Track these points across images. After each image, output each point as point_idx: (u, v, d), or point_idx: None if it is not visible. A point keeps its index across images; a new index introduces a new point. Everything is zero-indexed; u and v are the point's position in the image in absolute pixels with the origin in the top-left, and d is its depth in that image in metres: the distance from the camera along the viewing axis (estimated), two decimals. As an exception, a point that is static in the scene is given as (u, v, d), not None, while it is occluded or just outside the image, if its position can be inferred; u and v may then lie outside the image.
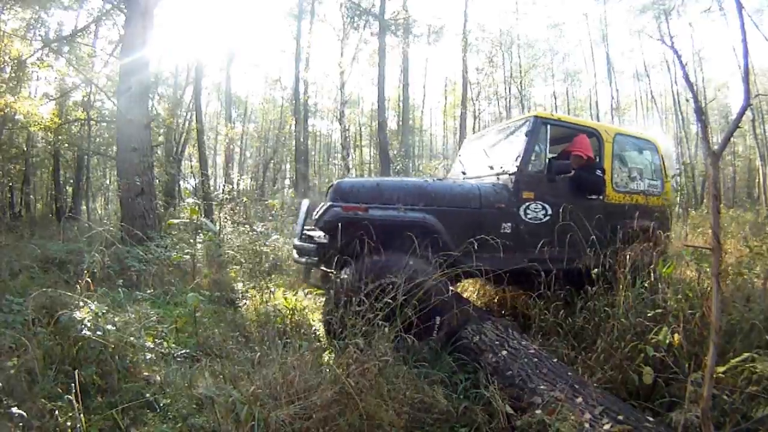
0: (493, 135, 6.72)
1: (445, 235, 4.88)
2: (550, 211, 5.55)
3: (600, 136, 6.36)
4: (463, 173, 6.61)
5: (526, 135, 5.70)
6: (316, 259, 4.91)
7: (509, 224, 5.35)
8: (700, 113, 2.43)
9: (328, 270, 4.89)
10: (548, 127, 5.85)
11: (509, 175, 5.56)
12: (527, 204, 5.48)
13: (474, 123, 29.65)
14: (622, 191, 6.41)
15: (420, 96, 38.90)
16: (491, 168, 5.98)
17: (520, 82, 32.24)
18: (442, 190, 5.25)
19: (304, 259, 5.04)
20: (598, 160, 6.25)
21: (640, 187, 6.62)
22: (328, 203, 4.81)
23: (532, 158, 5.68)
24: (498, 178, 5.71)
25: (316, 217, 4.80)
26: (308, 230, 5.58)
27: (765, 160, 28.26)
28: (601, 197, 6.06)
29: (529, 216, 5.47)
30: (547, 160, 5.75)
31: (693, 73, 32.08)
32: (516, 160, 5.60)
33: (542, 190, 5.59)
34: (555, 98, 36.57)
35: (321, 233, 5.03)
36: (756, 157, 29.87)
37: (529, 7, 34.18)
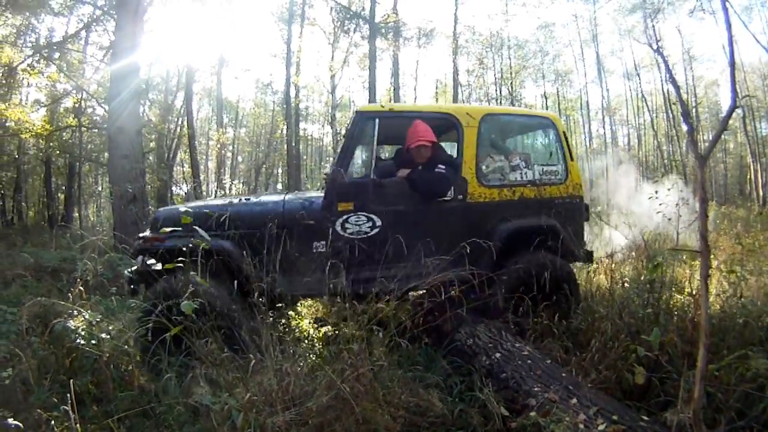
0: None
1: (241, 260, 4.43)
2: (378, 223, 4.82)
3: (458, 122, 5.27)
4: None
5: (344, 136, 5.18)
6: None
7: (322, 243, 4.64)
8: (687, 117, 2.45)
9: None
10: (376, 122, 4.97)
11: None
12: (346, 217, 4.80)
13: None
14: (496, 185, 5.33)
15: (411, 98, 38.94)
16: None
17: (511, 83, 32.34)
18: (242, 213, 4.82)
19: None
20: (456, 151, 5.35)
21: (527, 177, 5.46)
22: (143, 233, 4.86)
23: (360, 161, 5.23)
24: None
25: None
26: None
27: (756, 157, 28.49)
28: (450, 197, 5.09)
29: (349, 231, 4.77)
30: (373, 163, 5.00)
31: (683, 71, 32.37)
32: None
33: (365, 199, 4.85)
34: (545, 99, 36.67)
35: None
36: (747, 154, 30.06)
37: (519, 8, 34.22)
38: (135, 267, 4.82)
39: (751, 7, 28.97)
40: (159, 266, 3.95)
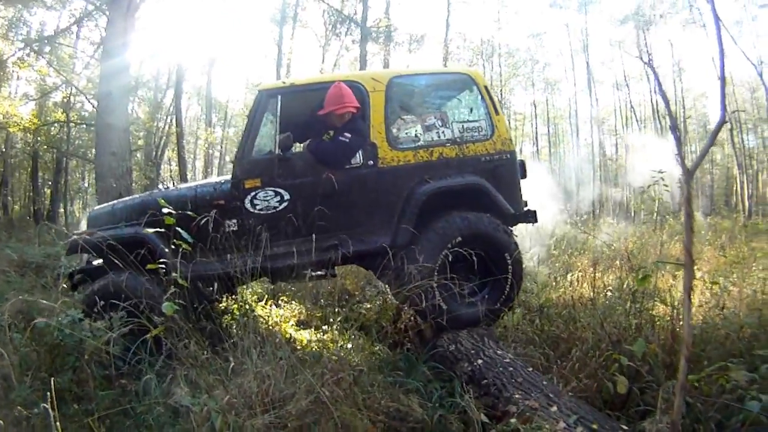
0: None
1: (160, 246, 4.54)
2: (287, 197, 4.79)
3: (364, 88, 5.15)
4: None
5: (248, 115, 5.14)
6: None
7: (234, 221, 4.73)
8: (675, 130, 2.47)
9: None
10: (278, 99, 5.01)
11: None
12: (254, 193, 4.79)
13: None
14: (410, 147, 5.18)
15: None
16: None
17: (501, 90, 32.46)
18: (167, 200, 4.66)
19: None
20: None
21: (446, 136, 5.25)
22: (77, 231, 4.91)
23: (260, 138, 5.09)
24: None
25: None
26: None
27: (743, 168, 28.75)
28: (359, 164, 4.97)
29: (258, 207, 4.77)
30: (277, 139, 4.96)
31: (672, 83, 32.58)
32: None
33: (272, 174, 4.84)
34: (535, 106, 36.85)
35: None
36: (734, 165, 30.33)
37: (511, 16, 34.42)
38: (77, 265, 5.07)
39: (741, 21, 29.23)
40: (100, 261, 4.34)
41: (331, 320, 4.81)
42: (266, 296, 6.27)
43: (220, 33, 36.19)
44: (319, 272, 4.80)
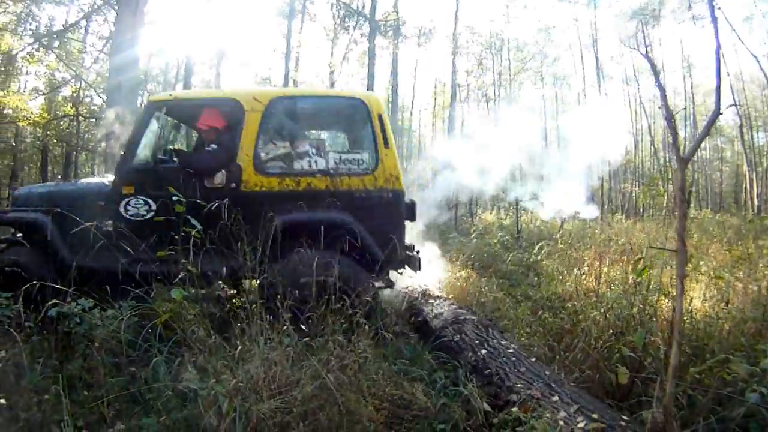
0: None
1: (54, 233, 4.92)
2: (153, 206, 4.91)
3: (242, 107, 5.07)
4: None
5: (135, 123, 5.31)
6: None
7: (110, 222, 4.86)
8: (671, 120, 2.51)
9: None
10: (163, 110, 5.24)
11: None
12: (127, 200, 4.95)
13: (462, 125, 29.75)
14: (275, 174, 5.03)
15: (409, 97, 38.82)
16: None
17: (509, 85, 32.33)
18: (64, 192, 5.42)
19: None
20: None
21: (318, 166, 5.05)
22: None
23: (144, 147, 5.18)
24: None
25: None
26: None
27: (752, 166, 28.53)
28: (222, 185, 4.91)
29: (130, 213, 4.92)
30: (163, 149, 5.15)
31: (682, 79, 32.35)
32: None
33: (144, 183, 4.98)
34: (544, 101, 36.65)
35: None
36: (743, 163, 30.11)
37: (520, 10, 34.10)
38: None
39: (752, 18, 28.96)
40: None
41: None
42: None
43: (229, 27, 36.11)
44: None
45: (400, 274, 5.34)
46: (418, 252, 5.55)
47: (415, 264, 5.31)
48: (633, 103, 35.02)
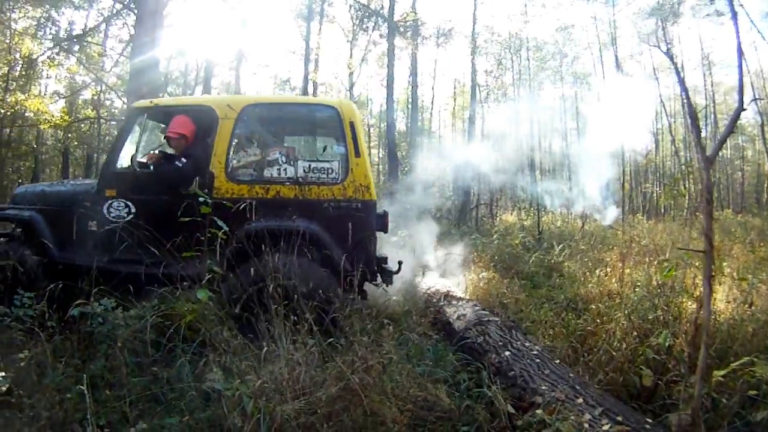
0: None
1: (44, 229, 5.20)
2: (133, 210, 5.08)
3: (215, 113, 5.13)
4: None
5: (118, 129, 5.62)
6: None
7: (95, 222, 5.10)
8: (695, 119, 2.48)
9: None
10: (144, 116, 5.52)
11: None
12: (110, 202, 5.11)
13: (483, 125, 29.65)
14: (246, 181, 5.06)
15: (429, 97, 38.74)
16: None
17: (529, 85, 32.13)
18: (56, 192, 5.67)
19: None
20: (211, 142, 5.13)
21: (287, 174, 5.03)
22: None
23: (124, 151, 5.38)
24: None
25: None
26: None
27: (775, 165, 28.13)
28: (192, 191, 4.68)
29: (112, 215, 5.08)
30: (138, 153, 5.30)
31: (702, 77, 31.96)
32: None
33: (125, 187, 5.15)
34: (564, 101, 36.38)
35: None
36: (765, 162, 29.71)
37: (538, 9, 33.83)
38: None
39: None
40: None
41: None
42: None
43: (248, 29, 36.22)
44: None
45: (377, 286, 5.25)
46: (400, 263, 5.49)
47: (387, 277, 5.28)
48: (653, 102, 34.67)
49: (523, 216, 18.07)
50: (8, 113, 16.81)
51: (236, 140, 5.17)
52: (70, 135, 19.58)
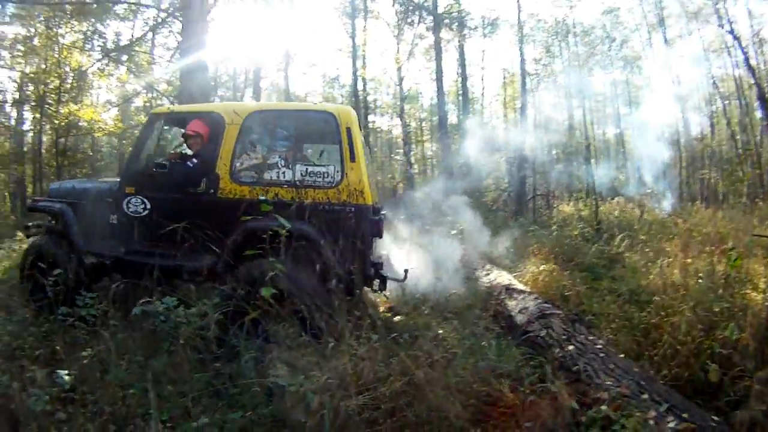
0: None
1: (72, 220, 5.80)
2: (149, 206, 5.50)
3: (223, 118, 5.45)
4: None
5: (139, 132, 6.13)
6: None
7: (115, 216, 5.61)
8: (764, 99, 2.37)
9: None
10: (162, 121, 6.03)
11: None
12: (129, 198, 5.56)
13: (535, 114, 29.23)
14: (248, 183, 5.26)
15: (479, 89, 38.34)
16: None
17: (579, 71, 31.43)
18: (84, 188, 6.17)
19: None
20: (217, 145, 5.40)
21: (285, 177, 5.21)
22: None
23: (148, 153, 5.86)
24: None
25: None
26: None
27: None
28: (202, 190, 5.28)
29: (130, 210, 5.53)
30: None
31: (753, 56, 30.76)
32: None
33: (143, 185, 5.56)
34: (615, 87, 35.50)
35: None
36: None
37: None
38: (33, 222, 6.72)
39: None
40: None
41: (423, 307, 4.90)
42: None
43: (293, 29, 36.54)
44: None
45: (373, 290, 5.58)
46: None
47: (383, 283, 5.50)
48: (706, 84, 33.55)
49: (580, 206, 17.71)
50: (62, 123, 17.40)
51: (240, 144, 5.39)
52: (124, 141, 20.13)
